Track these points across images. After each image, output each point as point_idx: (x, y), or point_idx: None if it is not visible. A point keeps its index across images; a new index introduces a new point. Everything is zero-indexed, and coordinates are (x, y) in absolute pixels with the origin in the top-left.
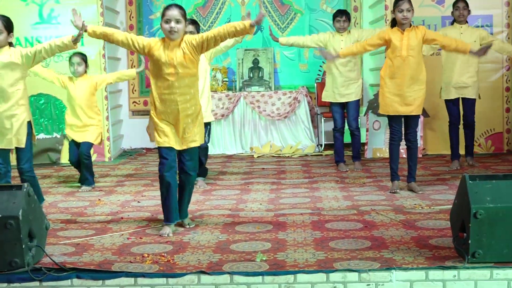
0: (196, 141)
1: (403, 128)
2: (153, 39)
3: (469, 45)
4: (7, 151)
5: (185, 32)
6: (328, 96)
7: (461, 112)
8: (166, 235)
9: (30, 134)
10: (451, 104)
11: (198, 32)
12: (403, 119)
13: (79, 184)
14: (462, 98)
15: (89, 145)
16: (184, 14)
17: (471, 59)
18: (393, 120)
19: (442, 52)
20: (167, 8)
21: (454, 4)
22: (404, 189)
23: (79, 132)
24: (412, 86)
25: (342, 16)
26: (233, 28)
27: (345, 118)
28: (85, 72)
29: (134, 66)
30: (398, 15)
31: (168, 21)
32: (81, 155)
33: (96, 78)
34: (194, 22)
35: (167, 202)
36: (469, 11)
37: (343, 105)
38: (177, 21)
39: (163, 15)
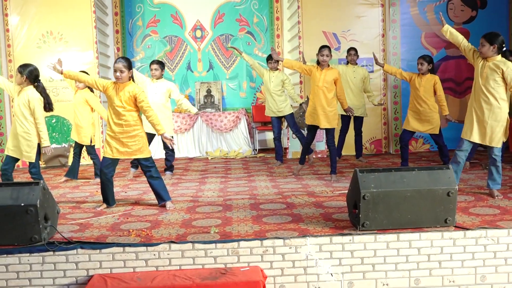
0: (142, 153)
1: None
2: (110, 82)
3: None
4: (16, 159)
5: (130, 77)
6: (269, 112)
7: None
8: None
9: (38, 152)
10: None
11: (162, 70)
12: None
13: None
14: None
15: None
16: (126, 65)
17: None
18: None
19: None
20: (115, 61)
21: (348, 51)
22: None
23: None
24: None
25: (272, 59)
26: (154, 122)
27: (281, 128)
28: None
29: None
30: (319, 58)
31: (114, 71)
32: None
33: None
34: (159, 62)
35: (104, 191)
36: (358, 56)
37: (280, 119)
38: (121, 71)
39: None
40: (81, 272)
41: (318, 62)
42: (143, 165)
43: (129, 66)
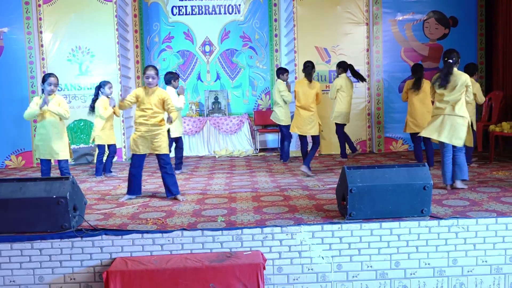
0: (162, 149)
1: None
2: (138, 89)
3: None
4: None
5: (157, 84)
6: (276, 119)
7: None
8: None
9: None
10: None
11: (177, 80)
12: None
13: None
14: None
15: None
16: (156, 73)
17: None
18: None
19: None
20: (146, 68)
21: (349, 67)
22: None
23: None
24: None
25: (286, 71)
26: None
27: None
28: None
29: None
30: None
31: (147, 77)
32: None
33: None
34: (172, 73)
35: (131, 182)
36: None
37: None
38: (152, 78)
39: (144, 72)
40: (105, 255)
41: (310, 75)
42: (162, 161)
43: (157, 73)
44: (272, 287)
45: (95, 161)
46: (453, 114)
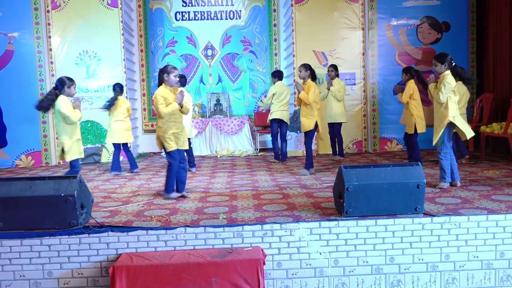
0: (185, 145)
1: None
2: (163, 93)
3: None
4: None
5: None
6: (286, 118)
7: None
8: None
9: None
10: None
11: (185, 83)
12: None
13: None
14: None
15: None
16: None
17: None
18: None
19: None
20: (173, 68)
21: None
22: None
23: None
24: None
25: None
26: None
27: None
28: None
29: (145, 103)
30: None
31: (176, 76)
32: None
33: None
34: (182, 76)
35: (172, 180)
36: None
37: (279, 122)
38: (179, 77)
39: (172, 72)
40: (111, 251)
41: (313, 78)
42: (182, 154)
43: None
44: (271, 281)
45: (102, 161)
46: (461, 113)
